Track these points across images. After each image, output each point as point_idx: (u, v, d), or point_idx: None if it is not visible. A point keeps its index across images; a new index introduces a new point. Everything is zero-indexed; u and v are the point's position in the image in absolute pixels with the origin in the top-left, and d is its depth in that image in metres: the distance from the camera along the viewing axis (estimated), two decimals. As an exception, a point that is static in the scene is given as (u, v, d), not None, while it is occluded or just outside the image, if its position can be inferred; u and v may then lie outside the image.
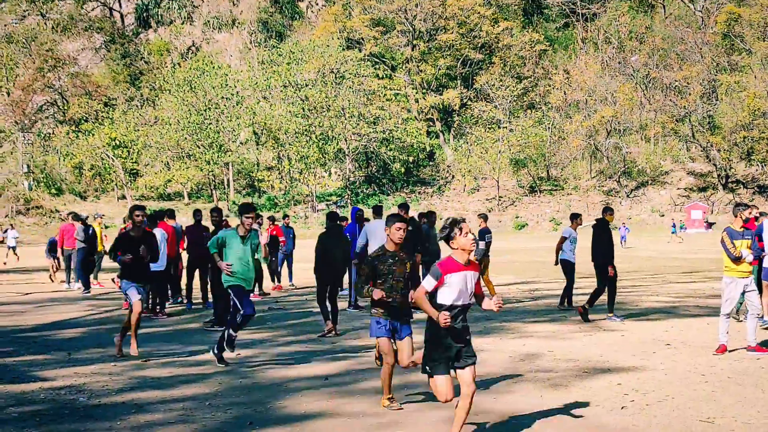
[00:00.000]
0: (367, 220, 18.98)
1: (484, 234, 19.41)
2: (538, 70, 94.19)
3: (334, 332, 13.98)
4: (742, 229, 11.71)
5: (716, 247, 41.81)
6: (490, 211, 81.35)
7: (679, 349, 11.98)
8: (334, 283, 14.57)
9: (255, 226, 12.12)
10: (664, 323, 15.01)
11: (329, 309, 14.22)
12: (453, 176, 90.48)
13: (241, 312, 10.90)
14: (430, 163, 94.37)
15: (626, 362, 10.90)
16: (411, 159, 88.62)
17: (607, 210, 16.74)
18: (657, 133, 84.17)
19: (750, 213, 12.09)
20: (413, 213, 21.29)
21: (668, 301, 19.00)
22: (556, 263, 17.74)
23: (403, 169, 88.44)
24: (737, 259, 11.42)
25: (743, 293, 11.71)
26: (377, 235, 17.06)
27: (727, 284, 11.79)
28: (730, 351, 11.64)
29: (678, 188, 79.65)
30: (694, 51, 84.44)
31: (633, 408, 8.34)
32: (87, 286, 22.82)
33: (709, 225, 71.23)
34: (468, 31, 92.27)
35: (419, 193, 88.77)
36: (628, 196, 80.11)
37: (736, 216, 11.95)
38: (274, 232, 23.43)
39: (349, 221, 19.74)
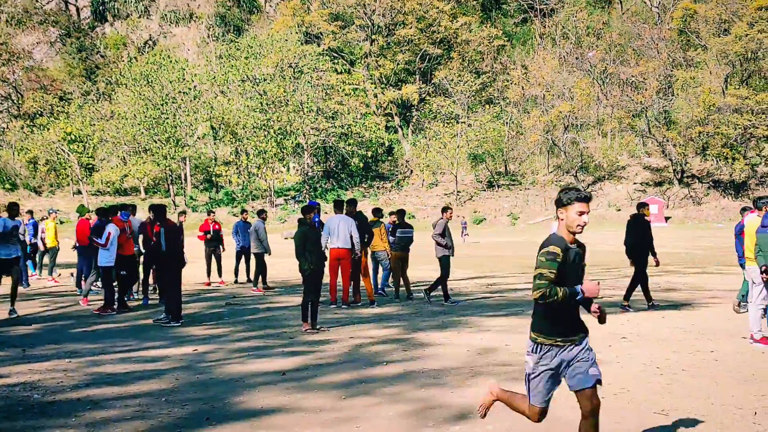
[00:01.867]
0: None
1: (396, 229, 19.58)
2: (497, 66, 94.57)
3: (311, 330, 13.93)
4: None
5: (675, 242, 42.02)
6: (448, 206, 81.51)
7: (634, 343, 12.08)
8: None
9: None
10: (620, 317, 15.14)
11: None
12: (411, 171, 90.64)
13: None
14: (389, 158, 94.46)
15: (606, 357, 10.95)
16: (369, 154, 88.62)
17: (642, 205, 17.15)
18: (614, 128, 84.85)
19: None
20: (370, 207, 21.46)
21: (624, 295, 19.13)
22: None
23: (361, 164, 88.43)
24: None
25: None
26: (339, 230, 17.10)
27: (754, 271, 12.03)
28: (683, 343, 11.78)
29: (634, 183, 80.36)
30: (650, 47, 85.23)
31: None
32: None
33: (666, 219, 72.00)
34: (427, 26, 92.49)
35: (378, 187, 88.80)
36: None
37: (760, 209, 12.26)
38: (216, 227, 23.65)
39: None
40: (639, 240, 16.43)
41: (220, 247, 23.72)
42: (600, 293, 7.96)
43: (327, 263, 17.28)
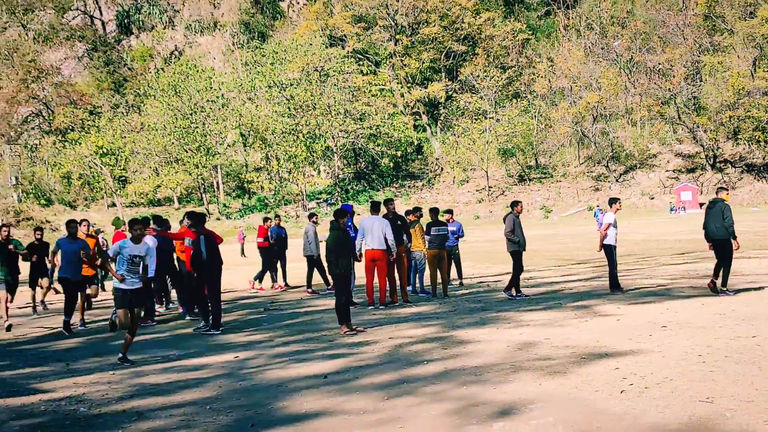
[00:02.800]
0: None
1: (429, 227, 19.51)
2: (522, 59, 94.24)
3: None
4: None
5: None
6: (480, 202, 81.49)
7: (675, 331, 12.00)
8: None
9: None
10: (659, 305, 15.04)
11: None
12: (442, 169, 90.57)
13: None
14: (419, 156, 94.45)
15: (623, 346, 10.92)
16: (399, 153, 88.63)
17: (721, 189, 17.34)
18: (643, 116, 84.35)
19: None
20: (406, 207, 21.45)
21: (662, 284, 19.02)
22: (600, 249, 17.95)
23: (391, 164, 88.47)
24: None
25: None
26: (374, 231, 17.12)
27: None
28: (724, 329, 11.70)
29: (666, 170, 79.80)
30: (676, 33, 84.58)
31: (632, 392, 8.37)
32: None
33: (701, 205, 71.43)
34: (450, 24, 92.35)
35: (409, 187, 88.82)
36: (617, 180, 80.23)
37: None
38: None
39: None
40: (719, 224, 16.56)
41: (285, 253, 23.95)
42: (633, 283, 7.87)
43: (363, 264, 17.37)
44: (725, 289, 16.42)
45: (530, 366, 10.01)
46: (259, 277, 23.84)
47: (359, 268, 18.65)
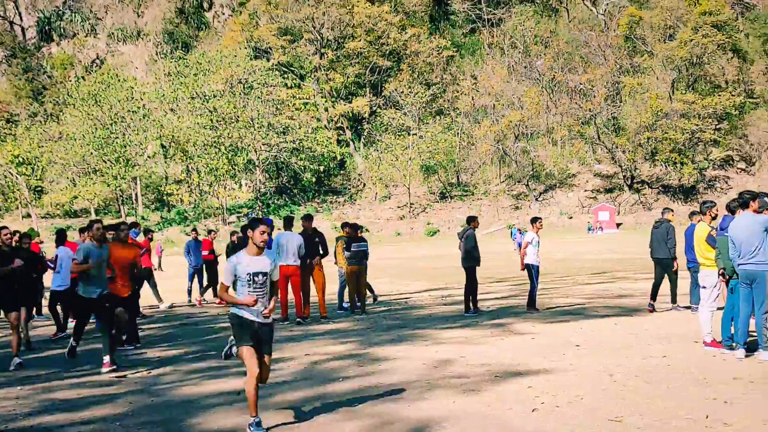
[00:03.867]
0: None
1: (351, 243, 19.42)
2: (446, 76, 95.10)
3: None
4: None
5: (627, 247, 42.47)
6: (401, 219, 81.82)
7: (588, 350, 12.16)
8: None
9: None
10: (573, 324, 15.23)
11: None
12: (364, 184, 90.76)
13: None
14: (341, 171, 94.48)
15: (537, 365, 11.03)
16: (322, 168, 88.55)
17: (667, 210, 18.04)
18: (563, 136, 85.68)
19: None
20: (329, 223, 21.37)
21: (578, 303, 19.30)
22: (523, 268, 18.10)
23: (314, 179, 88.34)
24: None
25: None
26: (288, 247, 17.01)
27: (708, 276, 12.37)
28: (636, 349, 11.91)
29: (585, 190, 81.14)
30: (597, 54, 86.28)
31: (544, 410, 8.46)
32: None
33: (618, 225, 72.73)
34: (376, 39, 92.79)
35: (330, 202, 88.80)
36: (536, 199, 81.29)
37: (704, 214, 12.86)
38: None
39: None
40: (663, 244, 17.24)
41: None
42: (550, 302, 7.94)
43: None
44: (676, 304, 17.14)
45: (445, 384, 10.04)
46: (204, 291, 23.62)
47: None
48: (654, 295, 17.12)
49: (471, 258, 18.17)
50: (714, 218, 13.03)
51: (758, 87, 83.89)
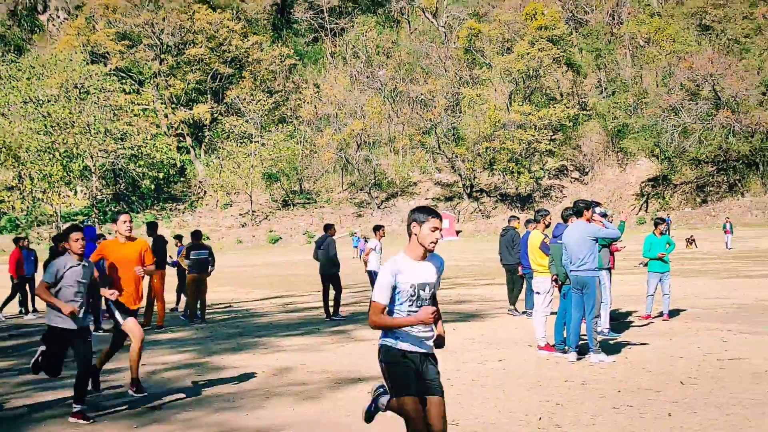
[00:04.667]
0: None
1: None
2: (289, 84, 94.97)
3: None
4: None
5: (465, 254, 43.28)
6: (243, 226, 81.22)
7: (427, 355, 12.30)
8: None
9: None
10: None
11: None
12: (205, 192, 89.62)
13: None
14: (182, 179, 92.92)
15: (377, 371, 11.01)
16: (161, 175, 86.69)
17: (513, 218, 19.15)
18: (405, 145, 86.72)
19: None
20: (169, 231, 20.89)
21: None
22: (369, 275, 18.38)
23: (153, 186, 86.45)
24: None
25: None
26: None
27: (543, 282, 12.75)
28: (473, 354, 12.13)
29: (426, 198, 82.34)
30: (438, 65, 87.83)
31: (381, 416, 8.49)
32: None
33: (458, 233, 74.15)
34: (217, 45, 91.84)
35: (171, 209, 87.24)
36: (379, 207, 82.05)
37: (539, 222, 13.38)
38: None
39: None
40: (511, 251, 18.03)
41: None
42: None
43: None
44: (513, 308, 17.79)
45: (285, 391, 9.99)
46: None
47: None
48: (511, 300, 17.93)
49: (334, 264, 18.49)
50: (547, 226, 13.44)
51: (591, 100, 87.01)
